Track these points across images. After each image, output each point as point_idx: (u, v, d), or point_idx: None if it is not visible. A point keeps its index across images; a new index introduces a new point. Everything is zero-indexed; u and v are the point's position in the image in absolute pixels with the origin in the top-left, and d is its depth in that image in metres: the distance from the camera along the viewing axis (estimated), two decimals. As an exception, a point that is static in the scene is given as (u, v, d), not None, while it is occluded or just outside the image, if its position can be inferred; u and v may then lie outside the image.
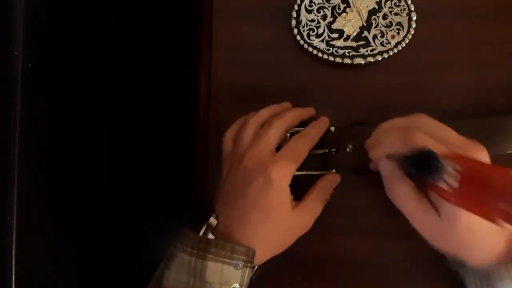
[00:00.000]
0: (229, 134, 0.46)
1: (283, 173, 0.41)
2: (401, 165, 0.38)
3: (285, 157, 0.42)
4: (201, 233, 0.42)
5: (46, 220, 0.40)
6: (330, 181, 0.46)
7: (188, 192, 0.51)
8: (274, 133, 0.43)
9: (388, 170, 0.40)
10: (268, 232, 0.41)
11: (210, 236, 0.41)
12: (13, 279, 0.35)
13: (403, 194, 0.39)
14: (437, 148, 0.35)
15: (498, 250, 0.37)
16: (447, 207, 0.36)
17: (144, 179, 0.56)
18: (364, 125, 0.46)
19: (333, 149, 0.46)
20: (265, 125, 0.44)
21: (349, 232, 0.47)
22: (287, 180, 0.41)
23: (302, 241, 0.44)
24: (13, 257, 0.35)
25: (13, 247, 0.35)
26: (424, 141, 0.37)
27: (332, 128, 0.47)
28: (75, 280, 0.45)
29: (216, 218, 0.43)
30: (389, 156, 0.39)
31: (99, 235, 0.48)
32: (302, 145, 0.44)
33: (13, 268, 0.35)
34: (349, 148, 0.45)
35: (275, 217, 0.41)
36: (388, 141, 0.39)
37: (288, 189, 0.42)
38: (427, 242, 0.40)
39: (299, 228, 0.44)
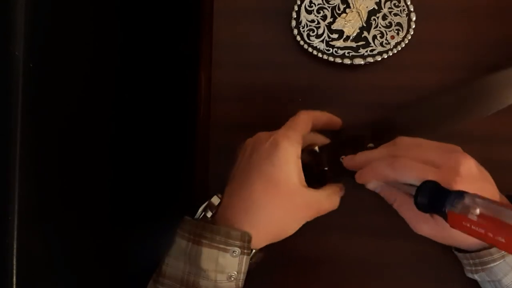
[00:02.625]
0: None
1: (287, 140, 0.40)
2: (414, 200, 0.37)
3: (289, 126, 0.42)
4: (199, 211, 0.41)
5: (47, 220, 0.40)
6: (343, 188, 0.45)
7: (188, 192, 0.51)
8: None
9: (378, 187, 0.41)
10: (269, 207, 0.40)
11: (209, 214, 0.41)
12: (14, 279, 0.35)
13: (401, 206, 0.41)
14: (425, 170, 0.37)
15: None
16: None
17: (144, 179, 0.56)
18: (355, 137, 0.46)
19: (325, 168, 0.45)
20: None
21: (348, 232, 0.47)
22: (293, 148, 0.40)
23: (300, 240, 0.43)
24: (14, 257, 0.35)
25: (14, 247, 0.35)
26: (411, 165, 0.38)
27: (316, 148, 0.46)
28: (76, 279, 0.45)
29: (220, 199, 0.42)
30: (397, 186, 0.40)
31: (99, 235, 0.48)
32: (304, 115, 0.43)
33: (14, 268, 0.35)
34: (342, 159, 0.45)
35: (277, 189, 0.39)
36: (377, 170, 0.40)
37: (295, 163, 0.40)
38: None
39: (304, 209, 0.41)
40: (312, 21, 0.48)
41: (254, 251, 0.41)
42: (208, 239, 0.39)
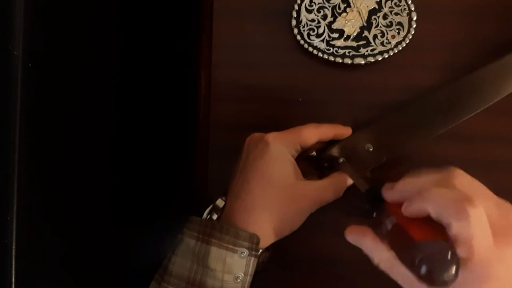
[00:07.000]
0: None
1: (279, 139, 0.41)
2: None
3: (286, 131, 0.43)
4: (204, 215, 0.42)
5: (46, 220, 0.40)
6: (346, 179, 0.44)
7: (188, 192, 0.51)
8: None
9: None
10: (268, 204, 0.40)
11: (214, 216, 0.42)
12: (13, 279, 0.35)
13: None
14: None
15: None
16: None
17: (144, 179, 0.56)
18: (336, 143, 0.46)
19: (325, 170, 0.45)
20: None
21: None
22: (284, 147, 0.41)
23: (297, 240, 0.43)
24: (13, 257, 0.35)
25: (13, 247, 0.35)
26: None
27: (314, 153, 0.46)
28: (75, 280, 0.45)
29: (225, 201, 0.43)
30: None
31: (99, 236, 0.48)
32: (307, 128, 0.43)
33: (13, 268, 0.35)
34: (342, 160, 0.45)
35: (272, 184, 0.41)
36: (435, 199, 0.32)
37: (288, 159, 0.42)
38: None
39: (303, 201, 0.41)
40: (313, 20, 0.48)
41: (260, 250, 0.41)
42: (217, 239, 0.39)
